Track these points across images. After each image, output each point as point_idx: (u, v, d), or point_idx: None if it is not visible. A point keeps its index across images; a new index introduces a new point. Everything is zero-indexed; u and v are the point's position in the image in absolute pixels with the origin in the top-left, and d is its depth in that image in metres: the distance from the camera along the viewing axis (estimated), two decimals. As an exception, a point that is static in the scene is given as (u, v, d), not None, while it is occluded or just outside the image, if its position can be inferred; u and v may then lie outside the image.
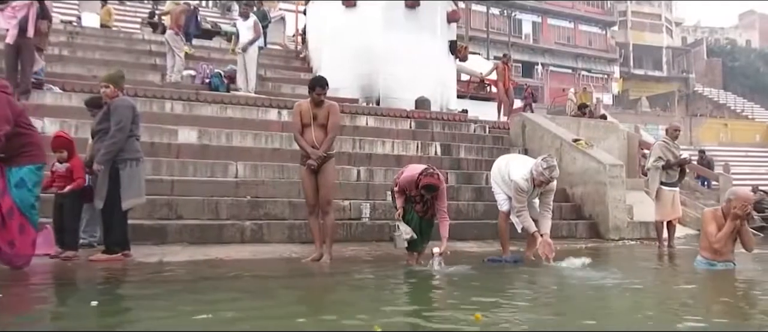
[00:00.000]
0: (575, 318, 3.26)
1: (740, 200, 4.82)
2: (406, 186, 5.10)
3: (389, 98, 11.19)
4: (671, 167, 7.21)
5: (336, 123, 5.29)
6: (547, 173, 5.01)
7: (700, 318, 3.27)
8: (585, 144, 8.91)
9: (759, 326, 3.24)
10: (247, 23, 10.23)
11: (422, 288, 4.34)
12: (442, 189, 5.05)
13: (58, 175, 5.36)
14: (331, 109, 5.27)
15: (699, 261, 5.05)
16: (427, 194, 4.96)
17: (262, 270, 4.94)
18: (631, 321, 3.24)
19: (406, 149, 9.05)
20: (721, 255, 4.91)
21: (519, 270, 5.22)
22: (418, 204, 5.12)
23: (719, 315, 3.48)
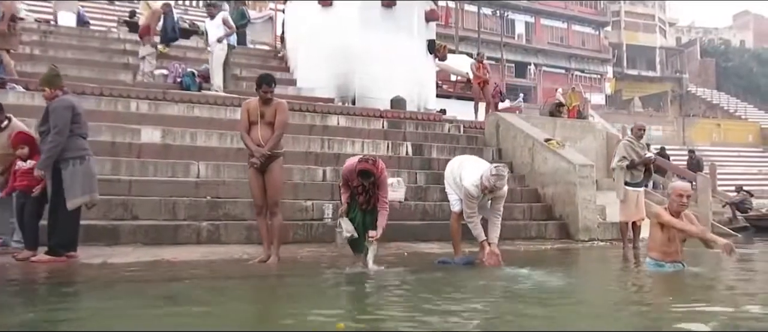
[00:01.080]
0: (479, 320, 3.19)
1: (675, 193, 4.71)
2: (348, 176, 5.09)
3: (365, 97, 11.09)
4: (635, 167, 7.12)
5: (283, 121, 5.20)
6: (494, 181, 4.92)
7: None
8: (557, 144, 8.82)
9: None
10: (215, 22, 10.12)
11: (350, 290, 4.25)
12: (383, 178, 5.02)
13: (21, 172, 5.29)
14: (279, 107, 5.19)
15: (648, 263, 4.96)
16: (364, 180, 4.95)
17: (203, 272, 4.84)
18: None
19: (376, 149, 8.95)
20: (669, 255, 4.80)
21: (458, 272, 5.09)
22: (361, 196, 5.07)
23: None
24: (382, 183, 5.07)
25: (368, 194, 5.08)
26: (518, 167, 9.48)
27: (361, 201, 5.12)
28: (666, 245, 4.77)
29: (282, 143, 5.32)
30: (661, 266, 4.81)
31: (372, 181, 4.98)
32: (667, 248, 4.77)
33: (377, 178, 5.00)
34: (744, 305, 3.49)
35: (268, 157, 5.10)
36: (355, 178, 5.02)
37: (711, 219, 10.96)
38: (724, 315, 3.20)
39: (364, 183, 5.00)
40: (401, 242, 7.02)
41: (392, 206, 7.53)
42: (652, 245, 4.95)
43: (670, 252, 4.79)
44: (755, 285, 4.83)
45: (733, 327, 2.97)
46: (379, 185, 5.07)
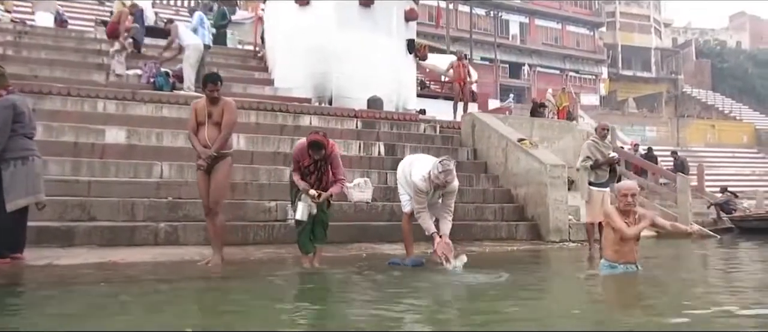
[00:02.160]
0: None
1: (620, 193, 4.64)
2: (299, 156, 5.03)
3: (342, 97, 11.01)
4: (600, 167, 7.03)
5: (230, 121, 5.11)
6: (442, 176, 4.85)
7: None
8: (529, 144, 8.74)
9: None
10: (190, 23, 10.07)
11: (280, 293, 4.16)
12: (334, 154, 5.01)
13: None
14: (226, 106, 5.10)
15: (602, 264, 4.86)
16: (315, 154, 4.89)
17: (144, 274, 4.75)
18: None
19: (347, 149, 8.87)
20: (622, 256, 4.71)
21: (403, 273, 5.01)
22: (312, 175, 4.99)
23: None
24: (334, 160, 5.04)
25: (320, 172, 4.99)
26: (492, 168, 9.40)
27: (312, 181, 5.01)
28: (618, 245, 4.69)
29: (231, 143, 5.22)
30: (613, 267, 4.72)
31: (323, 155, 4.89)
32: (620, 248, 4.69)
33: (328, 153, 4.93)
34: (668, 313, 3.40)
35: (215, 157, 5.01)
36: (306, 157, 4.96)
37: (691, 220, 10.85)
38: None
39: (315, 158, 4.90)
40: (366, 244, 6.95)
41: (359, 207, 7.56)
42: (605, 246, 4.87)
43: (623, 253, 4.69)
44: (697, 288, 4.69)
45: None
46: (331, 162, 5.02)
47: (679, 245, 9.39)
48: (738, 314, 3.39)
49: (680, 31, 57.24)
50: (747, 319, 3.30)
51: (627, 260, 4.70)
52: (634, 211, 4.69)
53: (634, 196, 4.64)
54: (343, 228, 7.15)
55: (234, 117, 5.17)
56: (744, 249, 9.13)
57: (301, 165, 5.00)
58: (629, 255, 4.70)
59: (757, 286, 4.82)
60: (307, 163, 4.96)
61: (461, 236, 7.67)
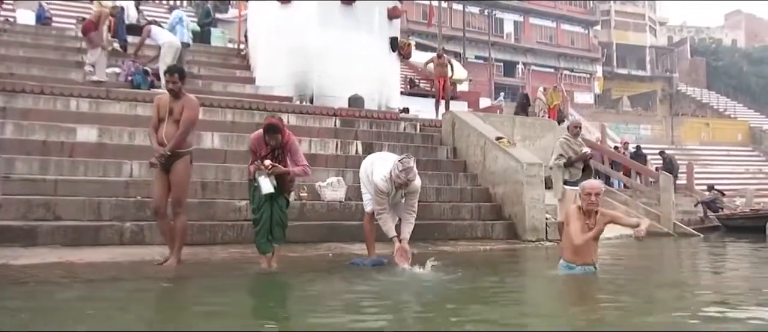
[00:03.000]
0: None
1: (584, 192, 4.57)
2: (256, 147, 4.93)
3: (323, 96, 10.94)
4: (573, 165, 6.96)
5: (189, 118, 4.99)
6: (403, 176, 4.75)
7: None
8: (507, 143, 8.67)
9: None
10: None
11: (214, 297, 4.07)
12: (292, 142, 4.92)
13: None
14: (187, 103, 5.01)
15: (561, 264, 4.79)
16: (270, 139, 4.80)
17: (95, 274, 4.67)
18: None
19: (324, 148, 8.81)
20: (580, 257, 4.64)
21: (358, 274, 4.93)
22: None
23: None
24: (292, 146, 4.95)
25: (278, 161, 4.90)
26: (471, 166, 9.34)
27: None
28: (577, 246, 4.62)
29: (190, 141, 5.09)
30: (571, 268, 4.65)
31: (279, 140, 4.80)
32: (578, 249, 4.62)
33: (285, 140, 4.85)
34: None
35: (172, 156, 4.93)
36: (262, 146, 4.88)
37: (673, 219, 10.83)
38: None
39: (272, 145, 4.83)
40: (337, 243, 6.87)
41: (332, 206, 7.49)
42: (563, 247, 4.80)
43: (581, 254, 4.63)
44: (647, 291, 4.59)
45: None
46: (289, 150, 4.94)
47: (657, 244, 9.36)
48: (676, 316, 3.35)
49: (676, 29, 57.26)
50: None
51: (585, 261, 4.63)
52: (597, 211, 4.62)
53: (597, 195, 4.57)
54: (314, 227, 7.09)
55: (194, 115, 5.06)
56: (719, 248, 9.07)
57: (259, 155, 4.92)
58: (587, 256, 4.63)
59: (708, 286, 4.72)
60: (265, 152, 4.87)
61: (436, 235, 7.65)
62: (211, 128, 8.45)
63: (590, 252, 4.64)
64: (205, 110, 8.94)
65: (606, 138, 19.36)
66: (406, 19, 38.09)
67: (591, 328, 3.12)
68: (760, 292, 4.73)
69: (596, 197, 4.54)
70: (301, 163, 4.98)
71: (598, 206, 4.60)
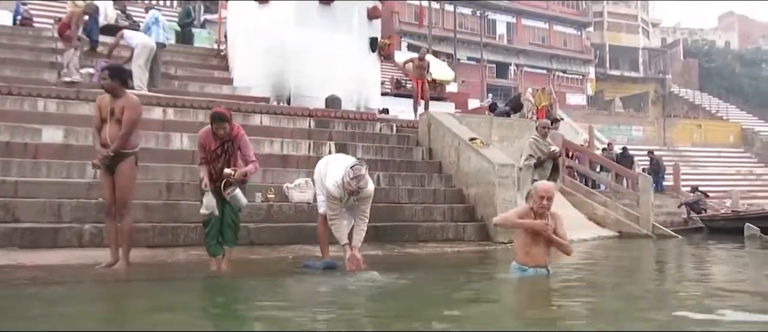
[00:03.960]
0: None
1: (537, 194, 4.48)
2: (205, 141, 4.85)
3: (301, 96, 10.87)
4: (542, 165, 6.90)
5: (129, 119, 4.88)
6: (354, 183, 4.66)
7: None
8: (481, 143, 8.60)
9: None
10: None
11: (149, 300, 4.00)
12: (241, 135, 4.85)
13: None
14: (127, 103, 4.91)
15: (513, 266, 4.70)
16: (218, 128, 4.72)
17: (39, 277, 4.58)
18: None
19: (297, 149, 8.73)
20: (532, 259, 4.56)
21: (305, 278, 4.87)
22: (220, 159, 4.80)
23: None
24: (242, 140, 4.86)
25: (227, 155, 4.81)
26: (446, 167, 9.27)
27: (221, 166, 4.82)
28: (528, 248, 4.54)
29: (135, 142, 5.01)
30: (524, 270, 4.58)
31: (227, 130, 4.72)
32: (530, 251, 4.54)
33: (234, 134, 4.79)
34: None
35: (116, 157, 4.84)
36: (211, 140, 4.80)
37: (652, 220, 10.78)
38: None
39: (221, 136, 4.75)
40: (302, 245, 6.77)
41: (300, 208, 7.41)
42: (516, 249, 4.72)
43: (534, 256, 4.54)
44: (594, 297, 4.47)
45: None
46: (239, 145, 4.85)
47: (632, 246, 9.32)
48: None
49: (669, 31, 57.33)
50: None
51: (537, 263, 4.55)
52: (548, 215, 4.54)
53: (549, 199, 4.48)
54: (281, 229, 7.01)
55: (134, 115, 4.93)
56: (691, 250, 9.01)
57: (208, 150, 4.83)
58: (540, 259, 4.55)
59: (658, 291, 4.62)
60: (214, 147, 4.79)
61: (406, 237, 7.58)
62: (181, 128, 8.37)
63: (543, 255, 4.56)
64: (177, 110, 8.90)
65: (594, 140, 19.30)
66: (399, 20, 38.16)
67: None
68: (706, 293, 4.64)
69: (548, 201, 4.45)
70: (251, 159, 4.91)
71: (549, 209, 4.51)
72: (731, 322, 3.15)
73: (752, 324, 3.15)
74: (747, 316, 3.28)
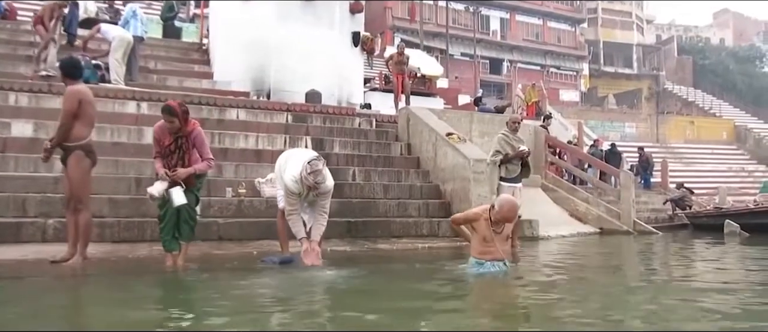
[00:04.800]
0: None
1: (500, 215, 4.41)
2: (159, 135, 4.76)
3: (280, 91, 10.79)
4: (510, 162, 6.83)
5: (64, 111, 4.74)
6: (311, 178, 4.59)
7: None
8: (457, 139, 8.54)
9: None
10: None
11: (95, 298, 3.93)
12: (197, 132, 4.72)
13: None
14: (65, 96, 4.84)
15: (471, 261, 4.63)
16: (168, 119, 4.63)
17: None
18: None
19: (272, 144, 8.66)
20: (489, 254, 4.51)
21: (260, 273, 4.81)
22: (174, 155, 4.72)
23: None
24: (198, 138, 4.74)
25: (182, 151, 4.72)
26: (424, 163, 9.22)
27: (175, 162, 4.74)
28: (482, 244, 4.50)
29: (79, 134, 4.84)
30: (481, 264, 4.52)
31: (177, 125, 4.62)
32: (484, 247, 4.49)
33: (189, 130, 4.68)
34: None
35: (65, 150, 4.77)
36: (166, 135, 4.71)
37: (633, 216, 10.74)
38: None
39: (174, 132, 4.66)
40: (271, 241, 6.68)
41: (272, 203, 7.31)
42: (472, 244, 4.66)
43: (490, 251, 4.49)
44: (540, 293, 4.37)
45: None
46: (195, 141, 4.74)
47: (609, 242, 9.28)
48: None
49: (664, 28, 57.33)
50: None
51: (494, 257, 4.50)
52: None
53: (510, 220, 4.48)
54: (251, 225, 6.95)
55: (66, 105, 4.77)
56: (666, 246, 8.95)
57: (161, 145, 4.75)
58: (496, 253, 4.50)
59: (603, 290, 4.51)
60: (168, 142, 4.70)
61: (379, 232, 7.52)
62: (154, 123, 8.19)
63: (498, 250, 4.50)
64: (151, 104, 8.79)
65: (583, 136, 19.24)
66: (392, 16, 38.07)
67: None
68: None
69: (507, 222, 4.44)
70: (206, 156, 4.81)
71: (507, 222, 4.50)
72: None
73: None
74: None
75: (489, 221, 4.44)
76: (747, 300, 3.97)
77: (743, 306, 3.65)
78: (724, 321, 3.15)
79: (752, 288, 4.57)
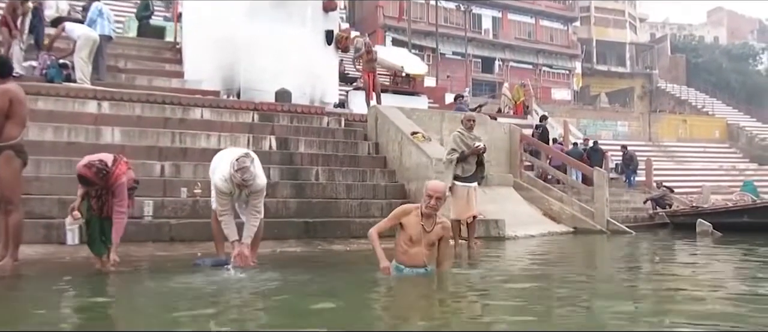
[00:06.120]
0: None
1: (425, 193, 4.28)
2: (83, 172, 4.61)
3: (250, 89, 10.69)
4: (466, 159, 6.73)
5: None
6: (238, 176, 4.47)
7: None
8: (422, 138, 8.44)
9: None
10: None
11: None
12: (118, 185, 4.55)
13: None
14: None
15: (393, 266, 4.48)
16: (86, 187, 4.52)
17: None
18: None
19: (234, 143, 8.51)
20: (410, 259, 4.35)
21: (189, 274, 4.70)
22: (93, 200, 4.62)
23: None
24: (118, 190, 4.58)
25: (101, 201, 4.62)
26: (390, 162, 9.13)
27: (94, 206, 4.66)
28: (408, 245, 4.35)
29: (10, 134, 4.71)
30: (400, 270, 4.40)
31: (97, 188, 4.52)
32: (408, 251, 4.34)
33: (111, 181, 4.52)
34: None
35: None
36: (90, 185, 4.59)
37: (607, 216, 10.64)
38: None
39: (99, 188, 4.55)
40: (223, 242, 6.62)
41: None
42: (395, 248, 4.51)
43: (411, 256, 4.34)
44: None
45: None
46: (114, 193, 4.58)
47: (578, 242, 9.21)
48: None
49: (658, 26, 57.24)
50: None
51: (414, 263, 4.36)
52: (437, 215, 4.36)
53: (439, 199, 4.28)
54: (204, 226, 6.59)
55: (1, 105, 4.64)
56: (632, 245, 8.87)
57: (85, 191, 4.65)
58: (417, 259, 4.35)
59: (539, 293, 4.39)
60: (88, 188, 4.61)
61: (338, 233, 7.42)
62: (114, 122, 8.19)
63: (420, 255, 4.34)
64: (113, 104, 8.69)
65: (568, 135, 19.15)
66: (383, 15, 37.95)
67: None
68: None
69: (436, 201, 4.25)
70: (118, 209, 4.62)
71: (438, 209, 4.33)
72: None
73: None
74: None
75: (420, 217, 4.31)
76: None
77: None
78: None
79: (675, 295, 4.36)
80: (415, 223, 4.30)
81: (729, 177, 28.34)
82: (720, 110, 41.09)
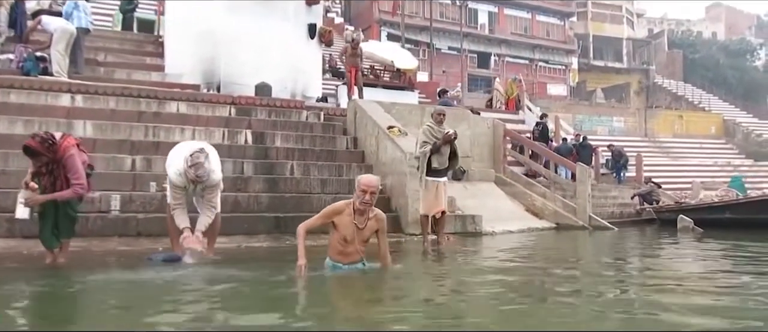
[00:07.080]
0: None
1: (359, 188, 4.19)
2: (28, 143, 4.56)
3: (231, 83, 10.62)
4: (439, 151, 6.64)
5: None
6: (191, 172, 4.42)
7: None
8: (398, 132, 8.37)
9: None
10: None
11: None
12: (68, 156, 4.49)
13: None
14: None
15: (327, 262, 4.41)
16: (33, 160, 4.50)
17: None
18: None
19: (209, 137, 8.44)
20: (346, 257, 4.29)
21: (141, 269, 4.66)
22: (45, 177, 4.55)
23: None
24: (68, 161, 4.51)
25: (53, 176, 4.55)
26: (368, 157, 9.06)
27: (46, 183, 4.57)
28: (342, 245, 4.27)
29: None
30: (337, 268, 4.33)
31: (44, 161, 4.45)
32: (344, 248, 4.27)
33: (59, 155, 4.48)
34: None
35: None
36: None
37: (589, 211, 10.58)
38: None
39: (45, 163, 4.49)
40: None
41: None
42: (329, 245, 4.44)
43: (347, 254, 4.28)
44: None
45: None
46: (66, 166, 4.52)
47: (559, 238, 9.14)
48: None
49: (656, 21, 57.02)
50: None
51: (351, 260, 4.30)
52: (371, 210, 4.28)
53: (372, 194, 4.18)
54: (173, 220, 6.78)
55: None
56: (610, 241, 8.81)
57: (36, 166, 4.57)
58: (354, 256, 4.29)
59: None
60: (40, 164, 4.53)
61: (311, 229, 7.34)
62: (87, 116, 8.13)
63: (357, 252, 4.29)
64: (86, 97, 8.63)
65: (560, 130, 19.06)
66: (378, 10, 37.80)
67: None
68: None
69: (371, 196, 4.17)
70: (73, 181, 4.53)
71: (371, 204, 4.24)
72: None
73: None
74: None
75: (353, 214, 4.22)
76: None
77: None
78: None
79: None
80: (348, 223, 4.21)
81: (724, 173, 28.29)
82: (716, 106, 40.98)
